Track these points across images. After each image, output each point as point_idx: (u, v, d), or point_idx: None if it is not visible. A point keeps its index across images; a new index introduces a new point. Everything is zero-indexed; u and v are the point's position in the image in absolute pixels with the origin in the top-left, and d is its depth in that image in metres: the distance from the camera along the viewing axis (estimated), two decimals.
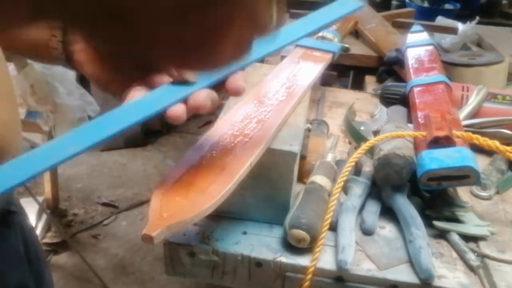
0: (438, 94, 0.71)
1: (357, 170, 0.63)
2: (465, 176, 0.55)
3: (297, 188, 0.59)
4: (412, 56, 0.86)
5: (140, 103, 0.40)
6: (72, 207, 1.91)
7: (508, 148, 0.54)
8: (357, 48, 1.11)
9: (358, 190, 0.59)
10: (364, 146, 0.59)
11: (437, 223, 0.56)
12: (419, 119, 0.65)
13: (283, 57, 0.82)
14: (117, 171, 2.15)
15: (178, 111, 0.38)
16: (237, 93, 0.40)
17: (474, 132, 0.57)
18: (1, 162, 0.34)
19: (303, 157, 0.63)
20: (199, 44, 0.27)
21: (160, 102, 0.39)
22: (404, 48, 0.92)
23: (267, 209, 0.55)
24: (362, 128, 0.76)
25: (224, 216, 0.56)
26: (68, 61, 0.42)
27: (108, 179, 2.09)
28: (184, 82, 0.40)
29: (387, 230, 0.57)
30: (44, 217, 1.70)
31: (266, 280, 0.53)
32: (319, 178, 0.58)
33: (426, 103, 0.69)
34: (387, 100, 0.83)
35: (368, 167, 0.62)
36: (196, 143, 0.51)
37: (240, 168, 0.46)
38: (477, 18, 1.23)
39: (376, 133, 0.73)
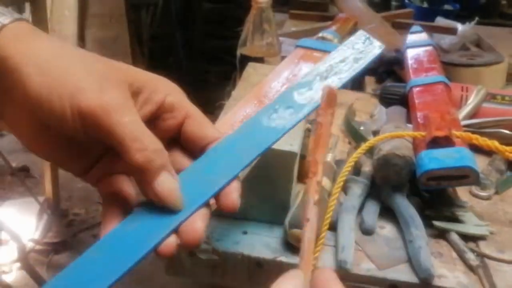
0: (437, 94, 0.71)
1: (356, 170, 0.64)
2: (465, 176, 0.55)
3: (297, 188, 0.59)
4: (412, 56, 0.86)
5: (122, 240, 0.31)
6: (73, 207, 1.91)
7: (507, 148, 0.54)
8: None
9: (358, 190, 0.60)
10: (364, 146, 0.59)
11: (436, 223, 0.56)
12: (419, 119, 0.66)
13: (283, 58, 0.82)
14: None
15: (171, 246, 0.31)
16: (233, 209, 0.34)
17: (473, 132, 0.57)
18: None
19: (303, 157, 0.63)
20: None
21: (148, 237, 0.31)
22: (404, 49, 0.92)
23: (267, 209, 0.55)
24: (361, 128, 0.76)
25: (224, 215, 0.56)
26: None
27: None
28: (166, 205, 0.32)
29: (387, 230, 0.57)
30: (45, 217, 1.70)
31: (266, 280, 0.53)
32: None
33: (426, 103, 0.69)
34: (387, 100, 0.83)
35: (367, 167, 0.63)
36: None
37: None
38: (476, 18, 1.23)
39: (375, 133, 0.73)
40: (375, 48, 0.42)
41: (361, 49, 0.42)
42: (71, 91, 0.29)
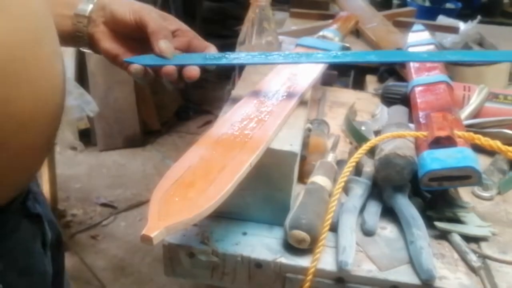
0: (439, 94, 0.71)
1: (358, 170, 0.63)
2: (467, 176, 0.55)
3: (298, 189, 0.59)
4: None
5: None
6: (70, 207, 1.91)
7: (509, 148, 0.54)
8: (358, 47, 1.11)
9: (359, 190, 0.59)
10: (365, 146, 0.58)
11: (438, 224, 0.56)
12: (420, 119, 0.65)
13: None
14: (116, 171, 2.15)
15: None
16: (194, 77, 0.56)
17: (475, 132, 0.57)
18: None
19: (303, 157, 0.63)
20: None
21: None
22: (405, 48, 0.91)
23: (267, 210, 0.55)
24: (363, 128, 0.75)
25: (224, 216, 0.56)
26: (89, 40, 0.57)
27: (107, 179, 2.09)
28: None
29: (388, 230, 0.57)
30: None
31: (266, 281, 0.52)
32: (319, 179, 0.58)
33: (428, 103, 0.69)
34: (388, 100, 0.82)
35: (369, 167, 0.62)
36: (196, 143, 0.50)
37: (240, 168, 0.45)
38: (479, 17, 1.23)
39: (377, 133, 0.73)
40: None
41: None
42: (132, 7, 0.55)
